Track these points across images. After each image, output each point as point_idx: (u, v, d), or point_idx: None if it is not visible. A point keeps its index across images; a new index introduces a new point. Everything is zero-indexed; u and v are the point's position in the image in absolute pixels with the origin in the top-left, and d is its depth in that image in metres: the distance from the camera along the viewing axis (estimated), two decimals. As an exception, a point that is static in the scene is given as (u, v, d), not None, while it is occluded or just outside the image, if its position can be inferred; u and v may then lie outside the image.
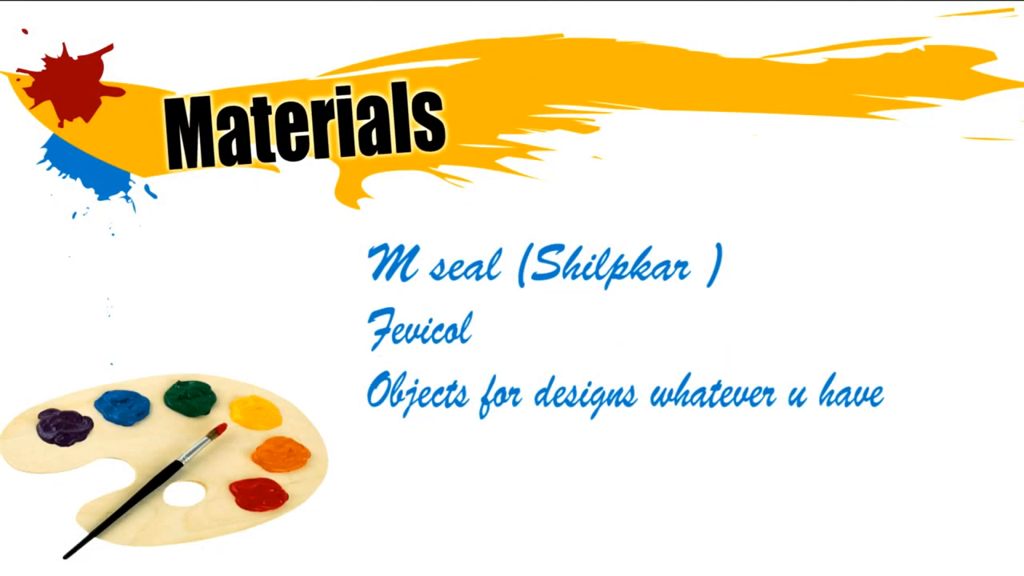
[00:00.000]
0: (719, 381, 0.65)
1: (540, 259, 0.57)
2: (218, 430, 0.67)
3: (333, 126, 0.84)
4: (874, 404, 0.65)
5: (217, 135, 0.81)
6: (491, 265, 0.70)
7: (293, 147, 0.83)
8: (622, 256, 0.64)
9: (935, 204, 0.76)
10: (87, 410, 0.68)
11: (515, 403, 0.65)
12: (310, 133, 0.83)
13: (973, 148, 0.81)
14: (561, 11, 0.96)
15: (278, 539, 0.62)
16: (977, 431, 0.63)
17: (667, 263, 0.65)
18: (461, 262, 0.71)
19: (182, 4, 0.98)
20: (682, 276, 0.66)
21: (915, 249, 0.73)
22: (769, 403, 0.65)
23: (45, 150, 0.84)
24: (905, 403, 0.65)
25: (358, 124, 0.83)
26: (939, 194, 0.77)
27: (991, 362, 0.66)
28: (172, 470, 0.64)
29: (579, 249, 0.61)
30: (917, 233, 0.74)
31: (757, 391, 0.65)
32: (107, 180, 0.81)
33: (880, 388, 0.65)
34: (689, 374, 0.66)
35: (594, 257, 0.57)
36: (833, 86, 0.77)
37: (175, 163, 0.79)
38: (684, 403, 0.64)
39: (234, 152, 0.82)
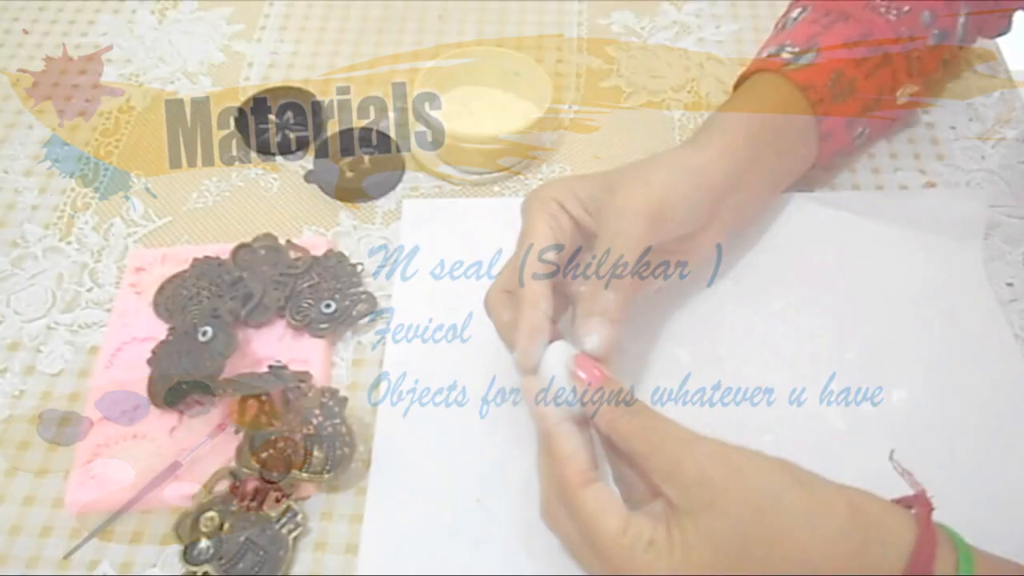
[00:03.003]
0: (719, 381, 0.65)
1: (540, 259, 0.57)
2: (218, 430, 0.67)
3: (333, 126, 0.84)
4: (874, 404, 0.64)
5: (217, 135, 0.81)
6: (491, 265, 0.70)
7: (293, 147, 0.83)
8: (622, 256, 0.64)
9: (935, 204, 0.76)
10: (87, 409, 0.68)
11: (515, 403, 0.65)
12: (310, 133, 0.83)
13: (973, 148, 0.81)
14: (561, 11, 0.96)
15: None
16: (977, 431, 0.63)
17: (667, 263, 0.64)
18: (461, 262, 0.71)
19: (182, 4, 0.98)
20: (682, 276, 0.66)
21: (915, 249, 0.73)
22: (769, 403, 0.65)
23: (45, 150, 0.84)
24: (905, 403, 0.64)
25: (358, 124, 0.83)
26: (939, 194, 0.77)
27: (991, 362, 0.66)
28: (172, 470, 0.63)
29: (579, 249, 0.60)
30: (916, 233, 0.74)
31: (757, 391, 0.65)
32: (107, 180, 0.81)
33: (880, 388, 0.65)
34: (689, 374, 0.66)
35: (594, 257, 0.57)
36: (833, 86, 0.76)
37: (175, 163, 0.79)
38: (684, 403, 0.64)
39: (234, 152, 0.82)
